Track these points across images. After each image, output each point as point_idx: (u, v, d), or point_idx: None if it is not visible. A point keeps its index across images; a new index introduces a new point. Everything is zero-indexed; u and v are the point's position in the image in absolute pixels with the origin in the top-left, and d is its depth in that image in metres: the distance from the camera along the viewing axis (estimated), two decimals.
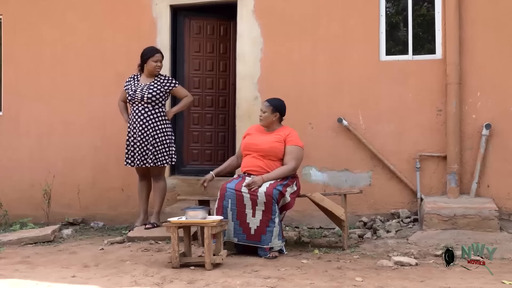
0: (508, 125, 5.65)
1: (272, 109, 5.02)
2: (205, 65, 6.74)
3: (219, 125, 6.74)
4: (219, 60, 6.75)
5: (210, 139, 6.74)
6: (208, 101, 6.75)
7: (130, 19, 6.76)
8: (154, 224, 5.67)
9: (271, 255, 4.65)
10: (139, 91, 5.68)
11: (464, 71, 5.74)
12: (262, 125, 5.08)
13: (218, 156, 6.71)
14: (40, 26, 7.12)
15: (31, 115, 7.07)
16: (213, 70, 6.74)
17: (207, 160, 6.74)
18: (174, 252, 4.31)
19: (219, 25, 6.72)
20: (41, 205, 6.68)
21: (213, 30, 6.73)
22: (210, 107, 6.75)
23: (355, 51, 6.08)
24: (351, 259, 4.54)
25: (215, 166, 6.49)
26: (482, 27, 5.74)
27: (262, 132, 5.07)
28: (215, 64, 6.74)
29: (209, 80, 6.73)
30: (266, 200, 4.65)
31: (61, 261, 4.67)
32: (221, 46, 6.75)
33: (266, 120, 5.03)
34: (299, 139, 5.04)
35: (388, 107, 5.98)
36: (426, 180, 5.85)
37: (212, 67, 6.73)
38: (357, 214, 5.99)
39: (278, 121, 5.08)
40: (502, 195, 5.64)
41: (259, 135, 5.05)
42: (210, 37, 6.73)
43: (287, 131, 5.02)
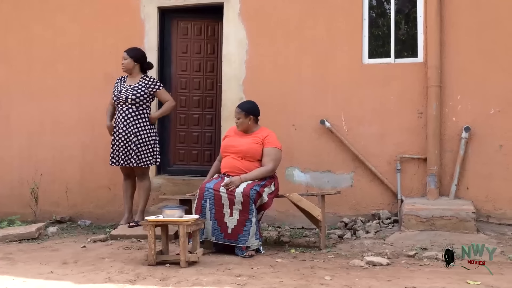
0: (487, 128, 5.72)
1: (244, 113, 5.11)
2: (192, 66, 6.81)
3: (205, 126, 6.82)
4: (206, 60, 6.81)
5: (197, 140, 6.81)
6: (195, 102, 6.82)
7: (119, 20, 6.84)
8: (138, 222, 5.76)
9: (247, 254, 4.73)
10: (123, 92, 5.79)
11: (445, 74, 5.82)
12: (239, 130, 5.17)
13: (204, 156, 6.78)
14: (31, 27, 7.20)
15: (21, 114, 7.15)
16: (200, 71, 6.81)
17: (194, 160, 6.82)
18: (151, 250, 4.39)
19: (207, 26, 6.78)
20: (29, 203, 6.77)
21: (200, 31, 6.79)
22: (197, 107, 6.82)
23: (338, 54, 6.17)
24: (325, 259, 4.62)
25: (201, 166, 6.63)
26: (463, 31, 5.82)
27: (240, 134, 5.17)
28: (202, 65, 6.81)
29: (196, 81, 6.80)
30: (243, 200, 4.73)
31: (42, 257, 4.76)
32: (208, 46, 6.81)
33: (242, 126, 5.13)
34: (277, 140, 5.13)
35: (370, 109, 6.05)
36: (406, 182, 5.92)
37: (199, 67, 6.80)
38: (338, 215, 6.08)
39: (254, 122, 5.16)
40: (480, 198, 5.71)
41: (237, 137, 5.15)
42: (197, 38, 6.79)
43: (265, 133, 5.10)
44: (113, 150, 5.86)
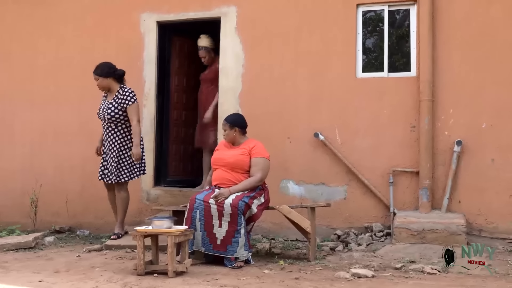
0: (479, 142, 5.76)
1: (229, 125, 5.21)
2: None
3: None
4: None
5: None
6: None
7: (120, 33, 7.00)
8: (119, 234, 5.87)
9: (236, 265, 4.80)
10: (101, 111, 5.90)
11: (437, 88, 5.87)
12: (227, 141, 5.27)
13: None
14: (35, 37, 7.40)
15: (24, 122, 7.33)
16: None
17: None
18: (139, 259, 4.48)
19: None
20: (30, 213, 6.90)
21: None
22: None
23: (333, 68, 6.24)
24: (313, 270, 4.66)
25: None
26: (455, 46, 5.87)
27: (229, 146, 5.28)
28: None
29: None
30: (232, 211, 4.81)
31: (35, 266, 4.87)
32: None
33: (228, 137, 5.23)
34: (265, 150, 5.21)
35: (363, 122, 6.11)
36: (399, 195, 5.96)
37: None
38: (332, 227, 6.12)
39: (240, 134, 5.25)
40: (473, 211, 5.74)
41: (226, 149, 5.25)
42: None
43: (252, 144, 5.20)
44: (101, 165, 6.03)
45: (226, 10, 6.62)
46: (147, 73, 6.84)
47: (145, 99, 6.83)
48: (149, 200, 6.77)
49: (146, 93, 6.84)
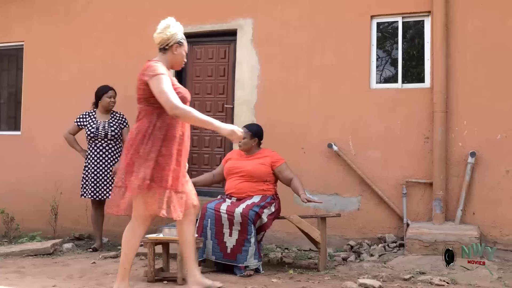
0: (493, 153, 5.72)
1: (251, 134, 5.29)
2: (205, 89, 7.03)
3: (215, 147, 7.00)
4: (217, 83, 7.02)
5: (208, 161, 7.00)
6: None
7: (140, 46, 7.15)
8: None
9: (246, 274, 4.86)
10: (101, 129, 6.22)
11: (451, 100, 5.86)
12: (242, 149, 5.34)
13: None
14: (58, 52, 7.65)
15: (47, 135, 7.56)
16: (212, 94, 7.02)
17: None
18: (150, 266, 4.59)
19: (218, 49, 7.01)
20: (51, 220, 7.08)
21: (213, 55, 7.02)
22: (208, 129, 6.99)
23: (347, 79, 6.28)
24: (321, 280, 4.70)
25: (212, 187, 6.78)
26: (470, 57, 5.86)
27: (243, 156, 5.35)
28: (213, 87, 7.02)
29: (208, 103, 7.01)
30: (242, 220, 4.88)
31: (50, 272, 5.01)
32: (219, 69, 7.02)
33: (245, 145, 5.30)
34: (278, 155, 5.34)
35: (377, 133, 6.13)
36: (413, 206, 5.96)
37: (211, 90, 7.02)
38: (345, 238, 6.14)
39: (257, 145, 5.34)
40: (487, 223, 5.70)
41: (240, 159, 5.34)
42: (210, 61, 7.02)
43: (268, 153, 5.32)
44: (85, 182, 6.28)
45: (243, 23, 6.73)
46: None
47: None
48: None
49: None
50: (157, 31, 4.06)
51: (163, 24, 4.05)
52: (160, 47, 4.06)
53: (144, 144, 3.76)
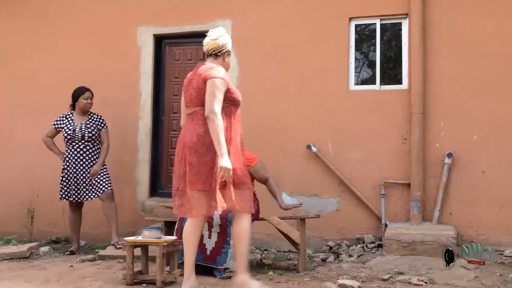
0: (470, 154, 5.80)
1: None
2: None
3: None
4: None
5: None
6: None
7: (117, 47, 7.11)
8: None
9: (225, 276, 4.84)
10: (78, 130, 6.18)
11: (429, 101, 5.93)
12: None
13: None
14: (35, 53, 7.53)
15: (23, 135, 7.44)
16: None
17: None
18: (128, 269, 4.54)
19: (197, 50, 6.98)
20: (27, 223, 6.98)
21: (192, 56, 7.00)
22: None
23: (326, 80, 6.31)
24: (300, 281, 4.70)
25: None
26: (446, 59, 5.93)
27: None
28: None
29: None
30: (221, 222, 4.87)
31: (27, 275, 4.93)
32: None
33: None
34: (252, 154, 5.27)
35: (356, 135, 6.17)
36: (391, 207, 6.01)
37: None
38: (324, 239, 6.17)
39: None
40: (464, 223, 5.77)
41: None
42: (189, 62, 7.00)
43: None
44: (64, 185, 6.24)
45: (221, 24, 6.65)
46: (143, 85, 6.95)
47: (141, 110, 6.94)
48: (144, 211, 6.84)
49: (142, 104, 6.94)
50: (210, 37, 4.29)
51: (217, 32, 4.30)
52: (212, 52, 4.27)
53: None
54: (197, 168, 3.96)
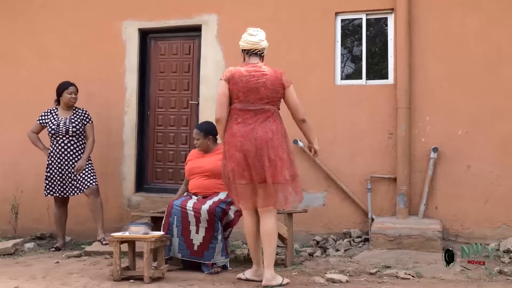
0: (455, 149, 5.85)
1: (203, 134, 5.24)
2: (169, 85, 6.96)
3: (180, 144, 6.95)
4: (182, 79, 6.95)
5: (173, 158, 6.94)
6: (171, 120, 6.96)
7: (102, 42, 7.04)
8: None
9: (213, 271, 4.84)
10: (62, 125, 6.12)
11: (414, 96, 5.96)
12: (200, 150, 5.30)
13: (180, 175, 6.87)
14: (19, 50, 7.42)
15: (7, 132, 7.34)
16: (176, 90, 6.95)
17: (170, 178, 6.94)
18: (116, 265, 4.52)
19: (183, 44, 6.95)
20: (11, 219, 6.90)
21: (177, 50, 6.96)
22: (172, 126, 6.95)
23: (312, 75, 6.32)
24: (288, 276, 4.69)
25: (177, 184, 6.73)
26: (432, 54, 5.97)
27: (202, 155, 5.29)
28: (178, 83, 6.96)
29: (173, 100, 6.95)
30: (209, 217, 4.85)
31: (12, 272, 4.88)
32: (184, 65, 6.96)
33: (202, 146, 5.26)
34: None
35: (342, 129, 6.19)
36: (377, 201, 6.04)
37: (175, 86, 6.94)
38: (311, 233, 6.19)
39: (213, 142, 5.29)
40: (449, 217, 5.82)
41: (200, 158, 5.27)
42: (174, 57, 6.96)
43: None
44: (49, 181, 6.20)
45: (207, 18, 6.69)
46: (128, 80, 6.90)
47: (126, 106, 6.89)
48: (130, 206, 6.80)
49: (128, 100, 6.89)
50: (257, 37, 4.64)
51: (262, 33, 4.68)
52: (258, 52, 4.63)
53: (286, 141, 4.56)
54: (274, 162, 4.29)
